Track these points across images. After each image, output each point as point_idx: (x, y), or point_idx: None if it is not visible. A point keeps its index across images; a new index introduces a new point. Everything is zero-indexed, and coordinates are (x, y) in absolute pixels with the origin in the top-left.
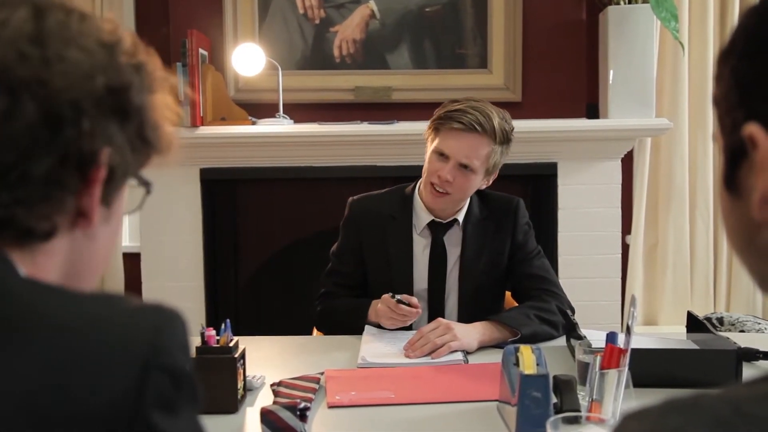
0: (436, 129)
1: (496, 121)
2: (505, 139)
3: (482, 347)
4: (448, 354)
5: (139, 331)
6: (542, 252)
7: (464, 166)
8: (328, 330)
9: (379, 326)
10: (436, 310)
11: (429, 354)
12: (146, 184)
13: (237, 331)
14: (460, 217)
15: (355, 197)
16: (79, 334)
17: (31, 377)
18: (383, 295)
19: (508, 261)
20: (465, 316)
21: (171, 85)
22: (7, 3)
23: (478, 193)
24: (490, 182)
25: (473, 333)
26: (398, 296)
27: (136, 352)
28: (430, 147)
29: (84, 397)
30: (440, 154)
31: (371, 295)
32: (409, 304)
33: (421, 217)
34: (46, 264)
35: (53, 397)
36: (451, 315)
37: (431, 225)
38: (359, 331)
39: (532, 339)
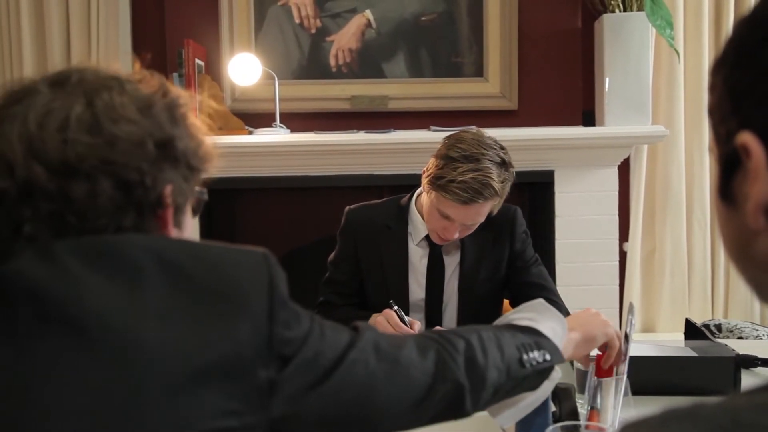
0: (436, 188)
1: (496, 184)
2: (507, 178)
3: None
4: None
5: (259, 269)
6: (540, 260)
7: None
8: None
9: None
10: (433, 320)
11: None
12: (201, 194)
13: None
14: None
15: (351, 206)
16: (223, 270)
17: (191, 306)
18: (385, 309)
19: (507, 270)
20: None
21: (192, 100)
22: (60, 96)
23: None
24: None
25: None
26: (397, 307)
27: (263, 289)
28: (430, 198)
29: (233, 318)
30: (443, 215)
31: (369, 304)
32: (406, 322)
33: (419, 228)
34: None
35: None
36: (449, 325)
37: (429, 236)
38: None
39: None
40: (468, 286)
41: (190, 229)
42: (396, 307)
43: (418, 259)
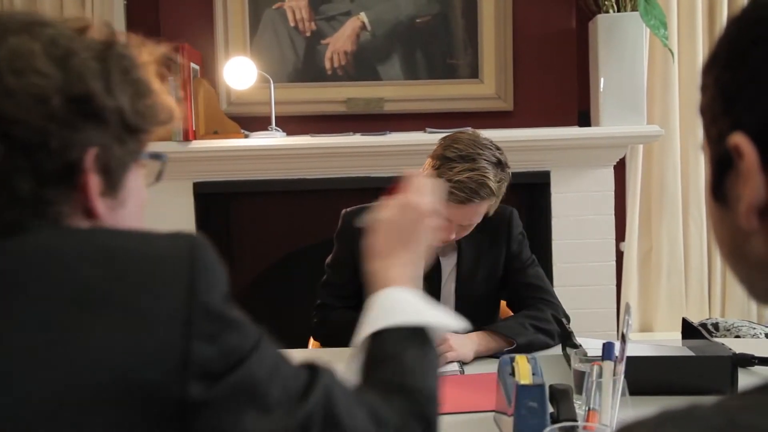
0: None
1: (493, 183)
2: (503, 178)
3: (478, 357)
4: (444, 365)
5: (178, 269)
6: (536, 261)
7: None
8: (325, 342)
9: None
10: None
11: None
12: (158, 157)
13: None
14: None
15: (348, 209)
16: (134, 257)
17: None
18: None
19: (503, 271)
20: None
21: (157, 56)
22: None
23: None
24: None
25: (469, 343)
26: None
27: (178, 294)
28: None
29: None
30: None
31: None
32: None
33: None
34: None
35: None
36: None
37: None
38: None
39: (527, 348)
40: (465, 289)
41: (140, 199)
42: None
43: None
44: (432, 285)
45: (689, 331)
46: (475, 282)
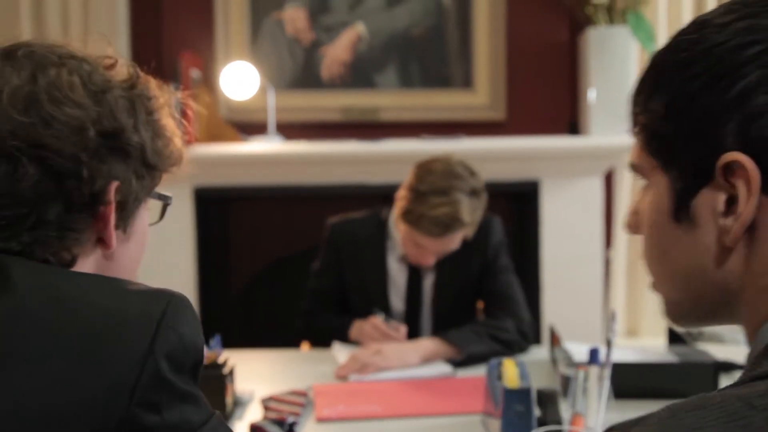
0: (408, 223)
1: (467, 216)
2: (478, 206)
3: (471, 363)
4: (436, 367)
5: (142, 332)
6: (511, 269)
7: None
8: (313, 343)
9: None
10: (412, 331)
11: (360, 371)
12: (164, 198)
13: (228, 346)
14: None
15: (333, 220)
16: (106, 310)
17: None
18: (371, 317)
19: (479, 276)
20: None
21: (170, 101)
22: (9, 66)
23: None
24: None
25: (410, 350)
26: (383, 315)
27: (134, 356)
28: (403, 226)
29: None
30: (417, 244)
31: (352, 312)
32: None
33: (398, 243)
34: None
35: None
36: (425, 332)
37: None
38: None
39: (480, 358)
40: (443, 298)
41: (144, 236)
42: (381, 315)
43: (396, 272)
44: (414, 296)
45: (674, 337)
46: (452, 292)
